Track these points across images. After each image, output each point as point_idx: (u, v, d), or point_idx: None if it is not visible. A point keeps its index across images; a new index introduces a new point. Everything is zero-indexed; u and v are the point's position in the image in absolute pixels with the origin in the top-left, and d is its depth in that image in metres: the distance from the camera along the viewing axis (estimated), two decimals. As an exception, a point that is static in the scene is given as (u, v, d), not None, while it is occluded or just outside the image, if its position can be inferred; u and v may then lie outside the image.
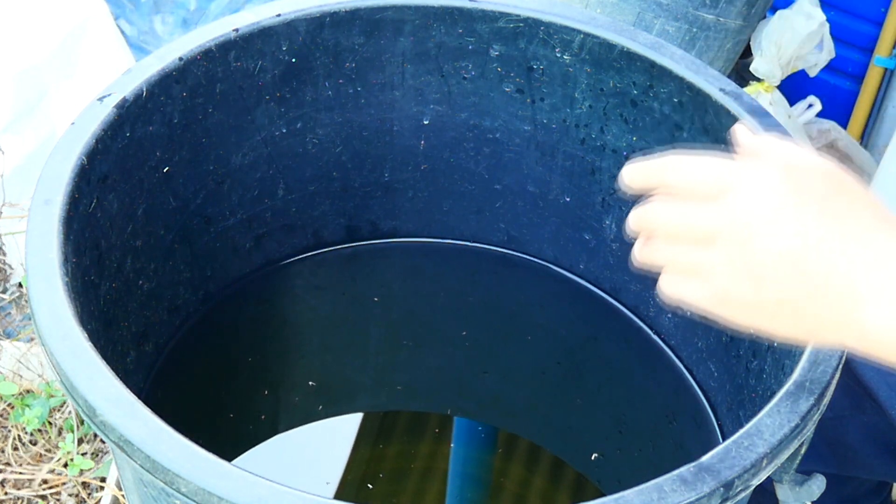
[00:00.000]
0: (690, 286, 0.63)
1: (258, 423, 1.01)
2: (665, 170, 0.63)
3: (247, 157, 1.01)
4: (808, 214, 0.59)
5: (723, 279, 0.61)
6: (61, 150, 0.81)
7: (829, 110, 1.77)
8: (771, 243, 0.59)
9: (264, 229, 1.07)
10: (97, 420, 0.66)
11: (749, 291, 0.61)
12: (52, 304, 0.71)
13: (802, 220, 0.59)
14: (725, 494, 0.66)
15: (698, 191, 0.62)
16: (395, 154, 1.08)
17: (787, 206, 0.60)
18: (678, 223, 0.63)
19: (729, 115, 0.90)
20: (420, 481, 1.01)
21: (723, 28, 1.48)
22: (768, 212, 0.60)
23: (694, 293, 0.63)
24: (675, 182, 0.63)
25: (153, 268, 0.96)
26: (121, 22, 1.65)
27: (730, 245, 0.61)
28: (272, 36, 0.95)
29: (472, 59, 1.01)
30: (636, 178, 0.65)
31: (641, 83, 0.96)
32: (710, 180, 0.62)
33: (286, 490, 0.62)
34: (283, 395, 1.05)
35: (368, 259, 1.14)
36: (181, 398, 1.00)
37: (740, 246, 0.60)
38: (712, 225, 0.61)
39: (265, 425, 1.01)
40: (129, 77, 0.88)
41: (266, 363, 1.06)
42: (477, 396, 1.07)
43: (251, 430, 1.01)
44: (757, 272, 0.60)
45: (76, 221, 0.80)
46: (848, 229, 0.59)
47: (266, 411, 1.03)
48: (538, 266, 1.13)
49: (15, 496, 1.28)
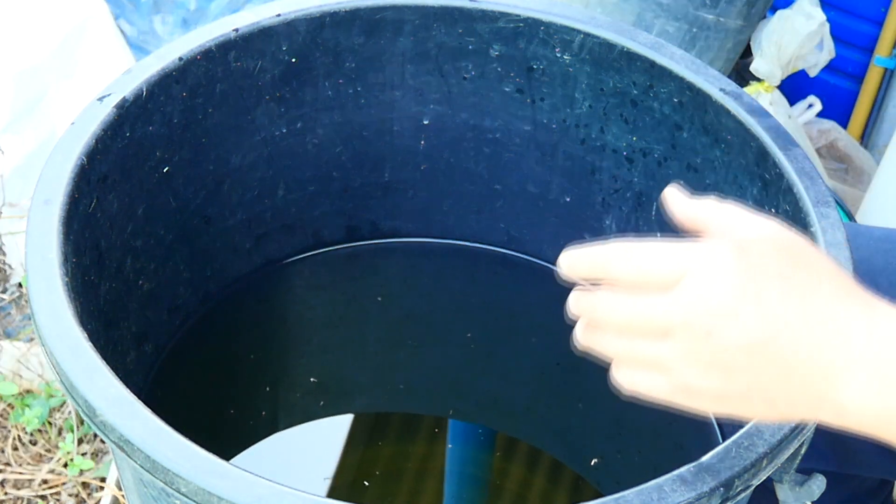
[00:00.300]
0: (650, 379, 0.60)
1: (258, 423, 1.01)
2: (609, 260, 0.60)
3: (247, 157, 1.01)
4: (770, 298, 0.56)
5: (686, 372, 0.58)
6: (61, 150, 0.81)
7: (829, 110, 1.77)
8: (735, 334, 0.56)
9: (264, 229, 1.07)
10: (97, 420, 0.66)
11: (716, 382, 0.58)
12: (52, 304, 0.71)
13: (765, 305, 0.56)
14: (725, 494, 0.66)
15: (648, 282, 0.58)
16: (395, 154, 1.08)
17: (747, 292, 0.56)
18: (629, 317, 0.59)
19: (729, 115, 0.90)
20: (418, 481, 1.01)
21: (723, 28, 1.48)
22: (728, 300, 0.56)
23: (655, 386, 0.60)
24: (621, 274, 0.59)
25: (153, 268, 0.96)
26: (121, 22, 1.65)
27: (690, 338, 0.57)
28: (272, 36, 0.95)
29: (472, 59, 1.01)
30: (577, 268, 0.61)
31: (641, 83, 0.96)
32: (660, 270, 0.58)
33: (286, 490, 0.62)
34: (283, 395, 1.05)
35: (368, 259, 1.14)
36: (181, 398, 1.00)
37: (702, 339, 0.57)
38: (668, 318, 0.57)
39: (265, 425, 1.01)
40: (129, 77, 0.88)
41: (266, 363, 1.06)
42: (476, 396, 1.07)
43: (251, 429, 1.01)
44: (723, 363, 0.57)
45: (76, 221, 0.80)
46: (813, 307, 0.57)
47: (266, 411, 1.03)
48: (538, 266, 1.13)
49: (15, 496, 1.28)
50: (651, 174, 1.00)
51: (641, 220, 1.03)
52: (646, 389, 0.60)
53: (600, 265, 0.60)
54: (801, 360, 0.56)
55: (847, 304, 0.57)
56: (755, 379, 0.57)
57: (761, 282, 0.56)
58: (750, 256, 0.57)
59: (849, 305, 0.57)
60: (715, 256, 0.57)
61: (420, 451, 1.02)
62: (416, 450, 1.02)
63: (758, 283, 0.56)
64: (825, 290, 0.58)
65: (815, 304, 0.57)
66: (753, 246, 0.58)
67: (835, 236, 0.80)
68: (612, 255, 0.59)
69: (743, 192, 0.91)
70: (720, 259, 0.57)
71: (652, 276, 0.58)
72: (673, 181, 0.98)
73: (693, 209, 0.62)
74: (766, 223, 0.60)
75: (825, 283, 0.58)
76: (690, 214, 0.62)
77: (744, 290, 0.56)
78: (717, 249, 0.58)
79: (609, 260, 0.59)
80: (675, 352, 0.58)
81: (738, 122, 0.90)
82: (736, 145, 0.91)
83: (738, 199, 0.92)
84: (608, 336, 0.60)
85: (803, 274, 0.58)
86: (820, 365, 0.56)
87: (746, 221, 0.60)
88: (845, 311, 0.57)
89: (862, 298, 0.59)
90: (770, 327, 0.56)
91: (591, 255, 0.60)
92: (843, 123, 1.81)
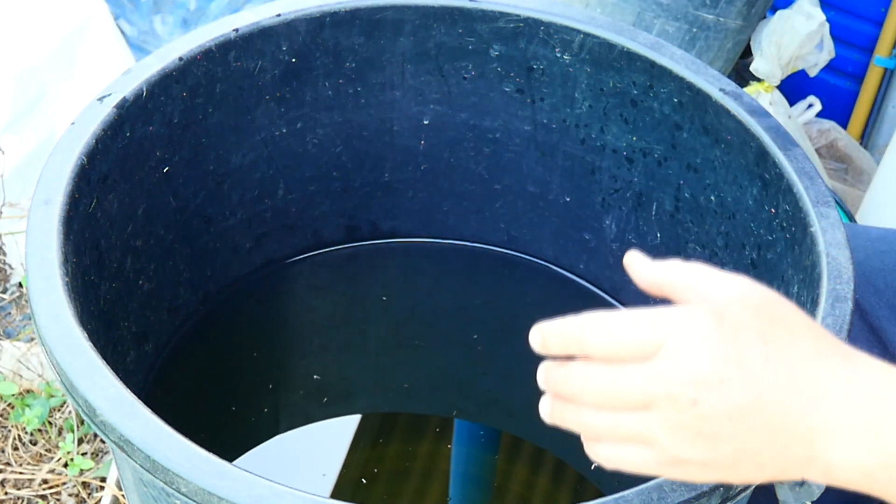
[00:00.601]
0: (634, 454, 0.58)
1: (258, 423, 1.01)
2: (584, 334, 0.57)
3: (247, 157, 1.01)
4: (752, 362, 0.55)
5: (672, 444, 0.56)
6: (61, 150, 0.81)
7: (829, 110, 1.77)
8: (720, 402, 0.55)
9: (264, 229, 1.07)
10: (97, 420, 0.66)
11: (704, 452, 0.56)
12: (52, 304, 0.71)
13: (748, 369, 0.55)
14: (725, 494, 0.66)
15: (626, 353, 0.56)
16: (395, 154, 1.08)
17: (728, 357, 0.55)
18: (609, 390, 0.57)
19: (729, 115, 0.90)
20: (420, 481, 1.01)
21: (723, 28, 1.48)
22: (711, 367, 0.55)
23: (640, 461, 0.58)
24: (597, 347, 0.57)
25: (153, 268, 0.96)
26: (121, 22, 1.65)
27: (674, 409, 0.55)
28: (272, 36, 0.95)
29: (472, 59, 1.01)
30: (550, 344, 0.59)
31: (641, 83, 0.96)
32: (637, 340, 0.56)
33: (286, 490, 0.62)
34: (283, 395, 1.05)
35: (368, 259, 1.13)
36: (181, 398, 1.00)
37: (686, 409, 0.55)
38: (650, 390, 0.55)
39: (265, 425, 1.01)
40: (129, 77, 0.88)
41: (266, 363, 1.06)
42: (477, 396, 1.07)
43: (251, 429, 1.01)
44: (710, 431, 0.56)
45: (76, 221, 0.80)
46: (795, 368, 0.56)
47: (266, 411, 1.03)
48: (538, 266, 1.13)
49: (15, 496, 1.28)
50: (651, 174, 1.00)
51: (641, 220, 1.03)
52: (630, 465, 0.58)
53: (574, 339, 0.58)
54: (787, 422, 0.56)
55: (826, 361, 0.57)
56: (742, 445, 0.56)
57: (742, 345, 0.55)
58: (727, 320, 0.56)
59: (828, 362, 0.57)
60: (692, 322, 0.56)
61: (421, 451, 1.02)
62: (416, 450, 1.02)
63: (738, 346, 0.55)
64: (803, 347, 0.57)
65: (795, 364, 0.56)
66: (729, 308, 0.56)
67: (835, 236, 0.80)
68: (585, 328, 0.57)
69: (743, 192, 0.91)
70: (698, 325, 0.56)
71: (630, 347, 0.56)
72: (673, 181, 0.99)
73: (658, 273, 0.60)
74: (735, 281, 0.59)
75: (802, 339, 0.57)
76: (656, 279, 0.60)
77: (725, 355, 0.55)
78: (694, 315, 0.56)
79: (583, 333, 0.57)
80: (660, 424, 0.56)
81: (738, 122, 0.90)
82: (736, 145, 0.91)
83: (738, 199, 0.92)
84: (584, 411, 0.58)
85: (781, 332, 0.57)
86: (805, 426, 0.56)
87: (715, 281, 0.59)
88: (825, 369, 0.56)
89: (840, 352, 0.58)
90: (755, 391, 0.55)
91: (563, 329, 0.58)
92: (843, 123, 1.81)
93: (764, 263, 0.90)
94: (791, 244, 0.85)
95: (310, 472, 0.99)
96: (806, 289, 0.81)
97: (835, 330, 0.74)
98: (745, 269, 0.93)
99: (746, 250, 0.92)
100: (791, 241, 0.85)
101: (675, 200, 0.99)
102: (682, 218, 0.99)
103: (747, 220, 0.92)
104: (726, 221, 0.94)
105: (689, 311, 0.56)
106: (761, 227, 0.90)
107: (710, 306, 0.56)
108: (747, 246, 0.92)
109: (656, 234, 1.03)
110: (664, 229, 1.02)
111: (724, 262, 0.96)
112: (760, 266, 0.91)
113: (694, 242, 0.99)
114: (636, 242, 1.05)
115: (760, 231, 0.90)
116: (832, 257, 0.79)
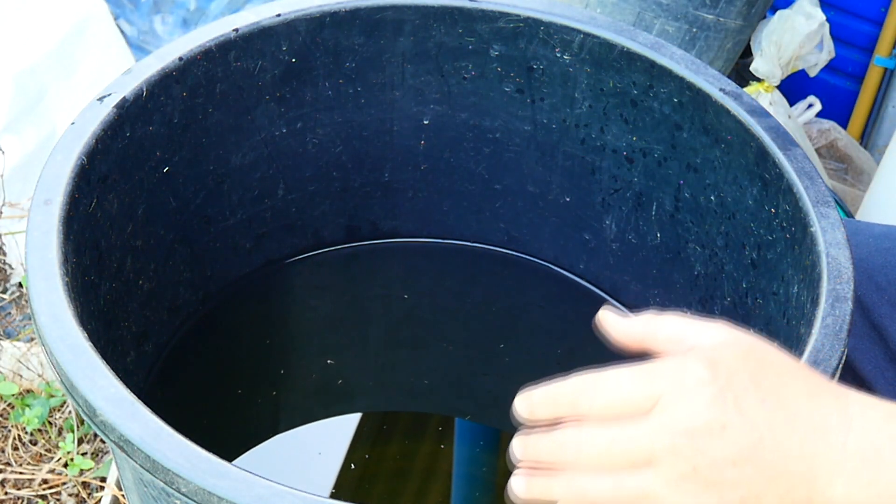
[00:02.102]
0: None
1: (258, 423, 1.01)
2: (576, 395, 0.56)
3: (247, 157, 1.01)
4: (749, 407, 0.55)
5: (677, 498, 0.55)
6: (61, 150, 0.81)
7: (829, 110, 1.77)
8: (723, 448, 0.55)
9: (264, 229, 1.07)
10: (97, 420, 0.66)
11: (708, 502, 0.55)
12: (52, 304, 0.71)
13: (747, 413, 0.55)
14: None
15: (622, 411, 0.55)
16: (395, 154, 1.08)
17: (727, 403, 0.55)
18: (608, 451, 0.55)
19: (729, 115, 0.90)
20: (419, 481, 1.01)
21: (723, 28, 1.48)
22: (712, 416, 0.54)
23: None
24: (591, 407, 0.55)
25: (153, 268, 0.96)
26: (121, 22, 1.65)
27: (678, 461, 0.55)
28: (272, 36, 0.95)
29: (472, 59, 1.01)
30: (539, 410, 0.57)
31: (641, 83, 0.96)
32: (634, 396, 0.55)
33: (286, 490, 0.62)
34: (283, 395, 1.05)
35: (368, 259, 1.14)
36: (181, 398, 1.00)
37: (689, 460, 0.54)
38: (652, 445, 0.55)
39: (265, 425, 1.01)
40: (129, 77, 0.88)
41: (266, 363, 1.06)
42: (477, 396, 1.07)
43: (251, 429, 1.01)
44: (714, 480, 0.55)
45: (76, 221, 0.80)
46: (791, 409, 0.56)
47: (266, 411, 1.03)
48: (538, 266, 1.13)
49: (15, 496, 1.28)
50: (651, 174, 1.00)
51: (641, 220, 1.03)
52: None
53: (566, 402, 0.56)
54: (788, 463, 0.56)
55: (819, 400, 0.57)
56: (747, 490, 0.56)
57: (738, 390, 0.55)
58: (720, 366, 0.56)
59: (821, 400, 0.57)
60: (687, 372, 0.55)
61: (421, 451, 1.02)
62: (417, 450, 1.02)
63: (735, 392, 0.55)
64: (795, 388, 0.57)
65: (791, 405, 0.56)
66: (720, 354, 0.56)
67: (835, 236, 0.80)
68: (578, 390, 0.56)
69: (743, 192, 0.91)
70: (693, 374, 0.55)
71: (627, 402, 0.55)
72: (673, 181, 0.99)
73: (636, 328, 0.60)
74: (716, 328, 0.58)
75: (793, 380, 0.57)
76: (633, 334, 0.60)
77: (724, 401, 0.55)
78: (688, 364, 0.56)
79: (576, 395, 0.56)
80: (664, 479, 0.55)
81: (738, 122, 0.90)
82: (736, 145, 0.91)
83: (738, 199, 0.92)
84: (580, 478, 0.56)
85: (772, 375, 0.57)
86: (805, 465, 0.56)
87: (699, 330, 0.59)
88: (820, 408, 0.57)
89: (831, 390, 0.58)
90: (756, 434, 0.55)
91: (553, 393, 0.57)
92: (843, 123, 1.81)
93: (764, 263, 0.90)
94: (791, 244, 0.85)
95: (310, 472, 0.99)
96: (806, 289, 0.81)
97: (835, 330, 0.74)
98: (745, 268, 0.93)
99: (746, 250, 0.92)
100: (791, 240, 0.85)
101: (675, 200, 0.99)
102: (682, 218, 0.99)
103: (747, 220, 0.92)
104: (726, 221, 0.94)
105: (682, 362, 0.56)
106: (761, 227, 0.90)
107: (701, 354, 0.56)
108: (747, 246, 0.92)
109: (656, 234, 1.03)
110: (664, 229, 1.02)
111: (724, 261, 0.96)
112: (760, 266, 0.91)
113: (694, 242, 0.99)
114: (636, 242, 1.05)
115: (760, 231, 0.90)
116: (832, 257, 0.79)
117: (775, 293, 0.87)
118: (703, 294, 1.00)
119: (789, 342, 0.83)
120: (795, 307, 0.83)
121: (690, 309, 1.02)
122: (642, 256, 1.05)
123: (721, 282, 0.97)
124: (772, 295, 0.88)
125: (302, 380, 1.05)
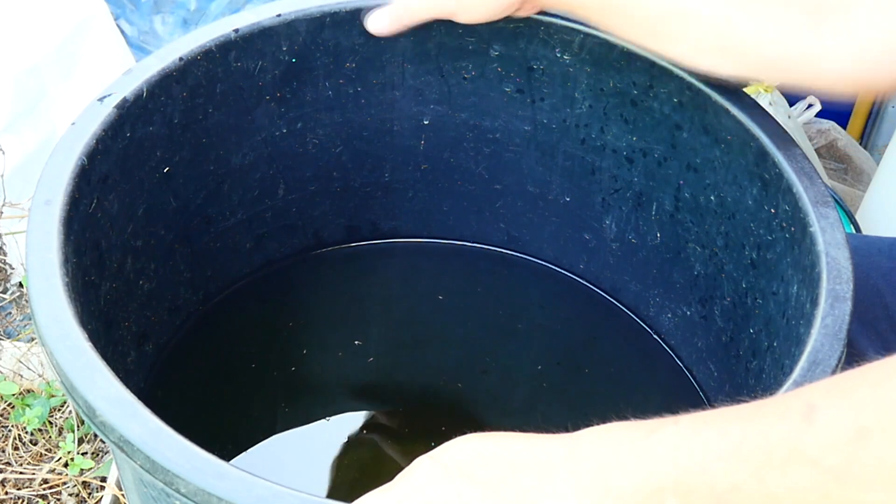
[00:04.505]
0: None
1: (258, 423, 1.02)
2: None
3: (247, 157, 1.01)
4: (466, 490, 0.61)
5: None
6: (61, 150, 0.81)
7: (828, 110, 1.77)
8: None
9: (264, 229, 1.07)
10: (97, 420, 0.66)
11: None
12: (52, 304, 0.71)
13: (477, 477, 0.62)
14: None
15: None
16: (395, 154, 1.08)
17: (451, 476, 0.63)
18: None
19: (729, 115, 0.90)
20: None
21: (723, 28, 1.48)
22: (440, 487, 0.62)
23: None
24: None
25: (153, 268, 0.96)
26: (121, 22, 1.65)
27: None
28: (272, 36, 0.95)
29: (472, 59, 1.01)
30: None
31: (641, 83, 0.96)
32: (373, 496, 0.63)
33: (285, 490, 0.62)
34: (283, 395, 1.05)
35: (368, 259, 1.14)
36: (181, 398, 1.00)
37: None
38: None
39: (265, 425, 1.01)
40: (130, 77, 0.88)
41: (266, 363, 1.06)
42: (477, 396, 1.07)
43: (251, 429, 1.01)
44: None
45: (76, 221, 0.80)
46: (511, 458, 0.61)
47: (266, 411, 1.03)
48: (538, 266, 1.13)
49: (15, 496, 1.28)
50: (651, 174, 1.00)
51: (641, 220, 1.03)
52: None
53: None
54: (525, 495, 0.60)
55: (542, 443, 0.61)
56: None
57: (454, 468, 0.63)
58: (437, 457, 0.64)
59: (544, 444, 0.61)
60: (413, 468, 0.64)
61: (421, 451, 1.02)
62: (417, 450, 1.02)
63: (455, 468, 0.63)
64: (513, 447, 0.62)
65: (511, 457, 0.61)
66: (435, 454, 0.64)
67: (834, 236, 0.80)
68: None
69: (743, 192, 0.91)
70: (417, 466, 0.64)
71: None
72: (673, 181, 0.99)
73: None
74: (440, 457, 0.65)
75: (509, 442, 0.62)
76: None
77: (448, 474, 0.62)
78: (424, 469, 0.64)
79: None
80: None
81: (738, 122, 0.90)
82: (736, 145, 0.91)
83: (738, 199, 0.92)
84: None
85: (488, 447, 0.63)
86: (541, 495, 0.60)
87: None
88: (543, 447, 0.61)
89: (556, 436, 0.62)
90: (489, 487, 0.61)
91: None
92: (843, 123, 1.81)
93: (763, 263, 0.90)
94: (791, 244, 0.85)
95: (309, 472, 0.99)
96: (805, 289, 0.81)
97: (834, 329, 0.74)
98: (745, 268, 0.93)
99: (746, 250, 0.92)
100: (791, 240, 0.85)
101: (675, 200, 0.99)
102: (682, 218, 0.99)
103: (747, 220, 0.92)
104: (726, 221, 0.94)
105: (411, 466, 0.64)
106: (761, 226, 0.90)
107: (437, 459, 0.64)
108: (747, 246, 0.92)
109: (656, 233, 1.03)
110: (664, 229, 1.02)
111: (724, 261, 0.96)
112: (760, 266, 0.91)
113: (694, 242, 0.99)
114: (636, 242, 1.05)
115: (760, 231, 0.90)
116: (831, 257, 0.79)
117: (775, 293, 0.88)
118: (702, 294, 1.00)
119: (789, 342, 0.83)
120: (795, 307, 0.83)
121: (690, 309, 1.02)
122: (642, 256, 1.05)
123: (721, 282, 0.97)
124: (771, 295, 0.88)
125: (301, 379, 1.05)
